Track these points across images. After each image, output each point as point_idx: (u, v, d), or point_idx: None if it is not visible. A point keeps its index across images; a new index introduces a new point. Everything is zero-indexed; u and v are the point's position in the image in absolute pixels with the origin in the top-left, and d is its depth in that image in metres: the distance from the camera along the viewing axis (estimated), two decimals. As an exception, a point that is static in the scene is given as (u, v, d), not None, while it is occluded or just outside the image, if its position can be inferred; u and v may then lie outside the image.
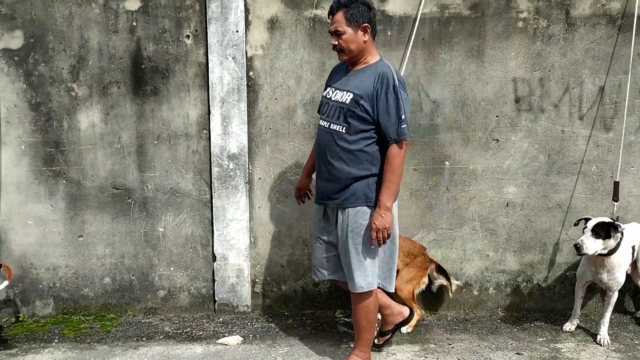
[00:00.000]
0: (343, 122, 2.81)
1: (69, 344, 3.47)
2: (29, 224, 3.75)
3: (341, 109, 2.81)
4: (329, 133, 2.86)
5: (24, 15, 3.57)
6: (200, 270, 3.84)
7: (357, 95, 2.77)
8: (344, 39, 2.78)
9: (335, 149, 2.84)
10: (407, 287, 3.49)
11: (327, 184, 2.91)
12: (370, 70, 2.80)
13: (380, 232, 2.79)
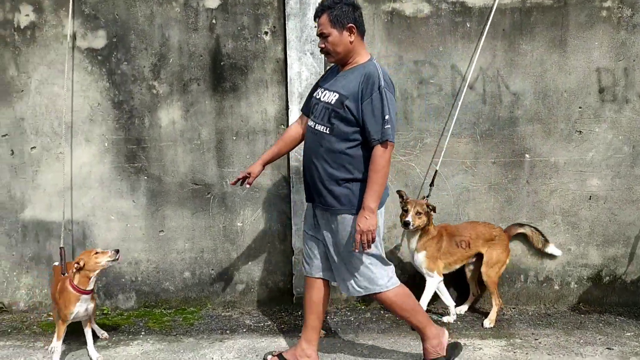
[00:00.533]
0: (327, 122, 2.73)
1: (155, 336, 3.55)
2: (112, 219, 3.84)
3: (326, 109, 2.74)
4: (314, 133, 2.80)
5: (106, 15, 3.65)
6: (278, 264, 3.89)
7: (343, 95, 2.69)
8: (329, 41, 2.71)
9: (319, 150, 2.77)
10: (493, 271, 3.50)
11: (313, 184, 2.84)
12: (358, 71, 2.72)
13: (365, 234, 2.66)
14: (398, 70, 3.65)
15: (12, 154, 3.77)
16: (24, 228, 3.84)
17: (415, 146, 3.74)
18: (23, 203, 3.81)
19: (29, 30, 3.65)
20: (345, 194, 2.75)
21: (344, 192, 2.75)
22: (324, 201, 2.80)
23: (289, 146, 3.10)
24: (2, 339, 3.54)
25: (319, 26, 2.74)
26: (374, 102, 2.63)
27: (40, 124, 3.74)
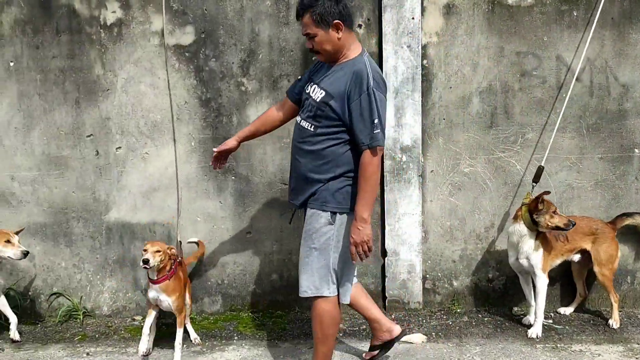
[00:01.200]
0: (312, 120, 2.63)
1: (249, 341, 3.44)
2: (198, 221, 3.74)
3: (312, 106, 2.63)
4: (300, 129, 2.70)
5: (195, 10, 3.54)
6: (368, 266, 3.75)
7: (329, 94, 2.57)
8: (316, 41, 2.57)
9: (301, 146, 2.68)
10: (606, 269, 3.34)
11: (294, 181, 2.76)
12: (347, 67, 2.58)
13: (360, 245, 2.55)
14: (499, 62, 3.49)
15: (97, 154, 3.68)
16: (108, 230, 3.75)
17: (515, 142, 3.57)
18: (108, 205, 3.73)
19: (115, 27, 3.55)
20: (319, 189, 2.64)
21: (320, 190, 2.64)
22: (301, 199, 2.71)
23: (266, 127, 3.00)
24: (92, 345, 3.46)
25: (302, 27, 2.60)
26: (363, 104, 2.49)
27: (125, 124, 3.65)
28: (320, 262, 2.68)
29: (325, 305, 2.73)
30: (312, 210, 2.68)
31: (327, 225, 2.66)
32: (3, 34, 3.57)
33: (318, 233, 2.66)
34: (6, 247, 3.22)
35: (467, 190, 3.63)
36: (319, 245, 2.66)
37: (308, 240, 2.70)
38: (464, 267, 3.72)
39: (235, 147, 3.01)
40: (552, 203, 3.20)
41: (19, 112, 3.64)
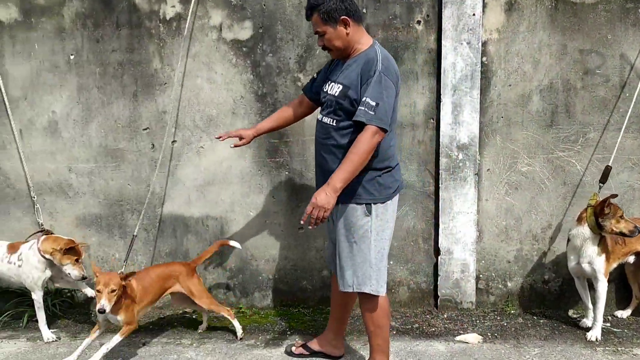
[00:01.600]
0: (333, 114, 2.66)
1: (302, 336, 3.43)
2: (250, 215, 3.75)
3: (331, 101, 2.67)
4: (322, 126, 2.72)
5: (253, 5, 3.55)
6: (420, 264, 3.72)
7: (345, 86, 2.61)
8: (326, 38, 2.64)
9: (326, 143, 2.69)
10: None
11: (322, 178, 2.72)
12: (360, 59, 2.63)
13: (318, 209, 2.51)
14: (561, 59, 3.43)
15: (153, 147, 3.72)
16: (162, 223, 3.79)
17: (576, 141, 3.51)
18: (162, 198, 3.76)
19: (174, 21, 3.58)
20: (351, 183, 2.60)
21: (350, 183, 2.60)
22: None
23: (282, 123, 3.08)
24: (147, 336, 3.49)
25: (313, 26, 2.68)
26: (371, 85, 2.52)
27: (182, 118, 3.68)
28: (362, 256, 2.69)
29: (373, 298, 2.74)
30: (347, 205, 2.68)
31: (364, 217, 2.67)
32: (64, 27, 3.63)
33: (356, 226, 2.68)
34: (74, 266, 3.27)
35: (524, 189, 3.58)
36: (358, 238, 2.68)
37: (347, 234, 2.70)
38: (518, 267, 3.67)
39: (252, 139, 3.06)
40: (619, 207, 3.13)
41: (78, 104, 3.70)
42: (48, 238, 3.35)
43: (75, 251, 3.28)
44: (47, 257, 3.30)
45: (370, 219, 2.67)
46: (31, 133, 3.73)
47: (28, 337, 3.50)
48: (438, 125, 3.54)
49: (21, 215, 3.82)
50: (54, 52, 3.65)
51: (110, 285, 2.84)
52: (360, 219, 2.66)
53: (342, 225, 2.71)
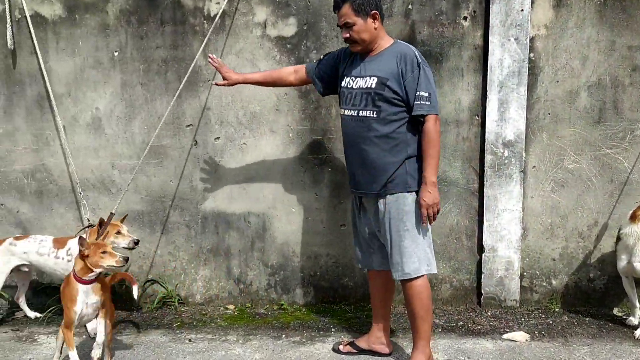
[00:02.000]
0: (372, 106, 2.72)
1: (347, 333, 3.43)
2: (292, 212, 3.75)
3: (368, 94, 2.72)
4: (359, 120, 2.76)
5: (298, 2, 3.54)
6: (463, 261, 3.70)
7: (382, 77, 2.69)
8: (355, 30, 2.70)
9: (368, 135, 2.74)
10: None
11: (364, 171, 2.81)
12: (388, 53, 2.73)
13: (431, 208, 2.71)
14: (609, 55, 3.40)
15: (196, 144, 3.73)
16: (204, 219, 3.80)
17: (624, 138, 3.47)
18: (204, 194, 3.77)
19: (218, 18, 3.58)
20: (399, 173, 2.74)
21: (397, 173, 2.74)
22: (376, 187, 2.78)
23: (271, 82, 3.18)
24: (191, 332, 3.51)
25: (340, 17, 2.73)
26: (418, 78, 2.65)
27: (225, 114, 3.68)
28: (417, 242, 2.78)
29: (422, 281, 2.83)
30: (396, 195, 2.76)
31: (414, 204, 2.77)
32: (108, 24, 3.64)
33: (408, 214, 2.76)
34: (117, 238, 3.28)
35: (570, 187, 3.55)
36: (411, 226, 2.77)
37: (399, 224, 2.77)
38: (563, 265, 3.64)
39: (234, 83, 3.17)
40: None
41: (122, 101, 3.71)
42: (91, 231, 3.36)
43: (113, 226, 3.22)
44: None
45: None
46: (74, 129, 3.75)
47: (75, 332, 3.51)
48: (483, 122, 3.52)
49: (64, 211, 3.85)
50: (97, 49, 3.66)
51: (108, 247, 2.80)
52: (412, 206, 2.76)
53: (392, 216, 2.77)
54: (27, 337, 3.47)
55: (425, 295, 2.85)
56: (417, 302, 2.84)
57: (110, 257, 2.72)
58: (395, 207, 2.76)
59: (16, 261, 3.43)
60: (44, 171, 3.81)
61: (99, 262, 2.70)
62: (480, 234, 3.64)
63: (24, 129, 3.78)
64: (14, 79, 3.74)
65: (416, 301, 2.84)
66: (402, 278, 2.81)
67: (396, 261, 2.80)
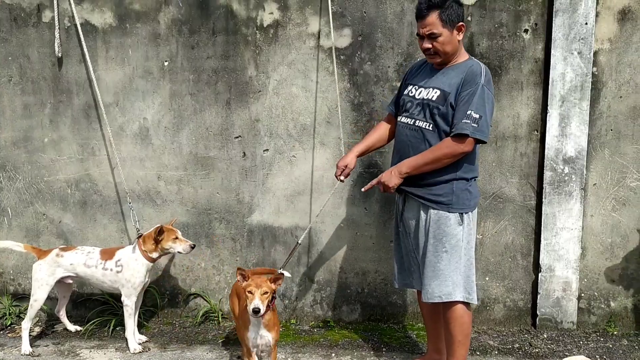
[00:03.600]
0: (430, 119, 2.64)
1: (399, 354, 3.33)
2: (341, 227, 3.66)
3: (427, 105, 2.64)
4: (415, 130, 2.68)
5: (354, 12, 3.47)
6: (518, 281, 3.59)
7: (445, 91, 2.59)
8: (440, 41, 2.57)
9: (421, 147, 2.65)
10: None
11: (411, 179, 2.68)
12: (460, 68, 2.61)
13: (382, 185, 2.72)
14: (676, 71, 3.30)
15: (244, 156, 3.65)
16: (250, 233, 3.72)
17: (690, 156, 3.37)
18: (251, 207, 3.69)
19: (271, 28, 3.52)
20: (446, 192, 2.64)
21: (445, 190, 2.64)
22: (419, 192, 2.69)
23: (381, 142, 3.01)
24: (237, 348, 3.41)
25: (424, 26, 2.58)
26: (473, 96, 2.51)
27: (275, 126, 3.61)
28: (452, 265, 2.66)
29: (463, 307, 2.71)
30: (439, 213, 2.66)
31: (457, 226, 2.66)
32: (159, 33, 3.59)
33: (448, 236, 2.65)
34: (175, 243, 3.23)
35: (632, 205, 3.43)
36: (450, 247, 2.65)
37: (437, 244, 2.66)
38: (623, 287, 3.52)
39: (355, 164, 2.98)
40: None
41: (170, 111, 3.65)
42: (142, 240, 3.30)
43: (170, 232, 3.26)
44: (153, 256, 3.26)
45: (463, 228, 2.66)
46: (121, 139, 3.69)
47: (116, 347, 3.44)
48: (542, 138, 3.42)
49: (107, 222, 3.78)
50: (147, 58, 3.61)
51: (263, 287, 2.59)
52: (454, 228, 2.65)
53: (431, 236, 2.68)
54: (69, 352, 3.40)
55: (466, 320, 2.73)
56: (456, 327, 2.74)
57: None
58: (436, 226, 2.66)
59: (62, 273, 3.36)
60: (89, 181, 3.75)
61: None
62: (536, 252, 3.52)
63: (69, 138, 3.73)
64: (60, 88, 3.69)
65: (456, 326, 2.74)
66: (431, 301, 2.69)
67: (427, 282, 2.70)
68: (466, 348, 2.79)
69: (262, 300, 2.56)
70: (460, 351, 2.77)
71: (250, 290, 2.58)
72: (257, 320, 2.66)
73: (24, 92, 3.71)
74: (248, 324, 2.70)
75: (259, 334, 2.70)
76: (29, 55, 3.68)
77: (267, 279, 2.65)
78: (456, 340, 2.75)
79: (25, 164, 3.77)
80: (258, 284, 2.59)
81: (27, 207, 3.81)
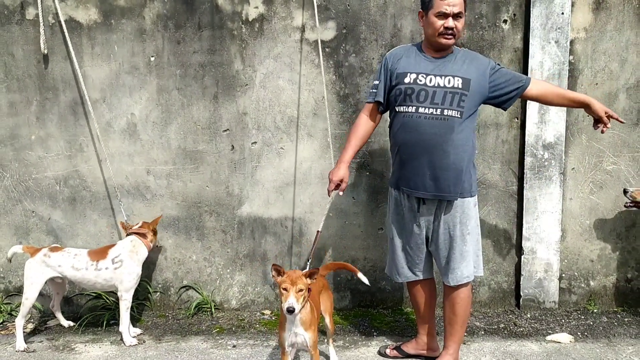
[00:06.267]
0: (457, 107, 2.64)
1: (390, 337, 3.43)
2: (330, 216, 3.74)
3: (454, 93, 2.63)
4: (444, 119, 2.63)
5: (337, 5, 3.54)
6: (502, 264, 3.71)
7: (467, 79, 2.64)
8: (461, 22, 2.64)
9: (449, 137, 2.64)
10: None
11: (441, 175, 2.66)
12: (461, 56, 2.71)
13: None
14: (647, 58, 3.44)
15: (232, 149, 3.70)
16: (240, 225, 3.78)
17: (662, 140, 3.52)
18: (241, 199, 3.75)
19: (257, 22, 3.57)
20: (467, 178, 2.72)
21: (466, 177, 2.72)
22: (452, 189, 2.69)
23: (364, 142, 2.99)
24: (232, 337, 3.48)
25: (454, 5, 2.59)
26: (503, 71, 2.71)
27: (262, 119, 3.67)
28: (474, 246, 2.83)
29: (469, 288, 2.87)
30: (464, 199, 2.74)
31: (474, 208, 2.81)
32: (145, 29, 3.61)
33: (471, 219, 2.78)
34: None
35: (608, 188, 3.58)
36: (471, 229, 2.80)
37: (463, 229, 2.77)
38: (602, 266, 3.67)
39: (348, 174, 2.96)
40: None
41: (158, 106, 3.68)
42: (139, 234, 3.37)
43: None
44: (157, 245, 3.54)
45: (477, 209, 2.84)
46: (109, 135, 3.71)
47: (111, 341, 3.48)
48: (522, 125, 3.54)
49: (97, 218, 3.80)
50: (133, 54, 3.63)
51: (299, 284, 2.43)
52: (473, 211, 2.80)
53: (458, 222, 2.76)
54: (64, 346, 3.42)
55: (470, 301, 2.90)
56: (462, 308, 2.86)
57: None
58: (462, 211, 2.75)
59: (50, 273, 3.35)
60: (77, 178, 3.77)
61: None
62: (519, 236, 3.65)
63: (57, 135, 3.73)
64: (46, 85, 3.69)
65: (461, 307, 2.86)
66: (459, 282, 2.80)
67: (456, 266, 2.79)
68: (465, 328, 2.94)
69: (297, 298, 2.40)
70: (461, 331, 2.91)
71: (285, 287, 2.43)
72: (292, 317, 2.50)
73: (9, 90, 3.70)
74: (284, 323, 2.57)
75: (293, 332, 2.54)
76: (14, 53, 3.67)
77: (303, 274, 2.48)
78: (460, 320, 2.88)
79: (12, 161, 3.77)
80: (293, 280, 2.43)
81: (15, 205, 3.81)
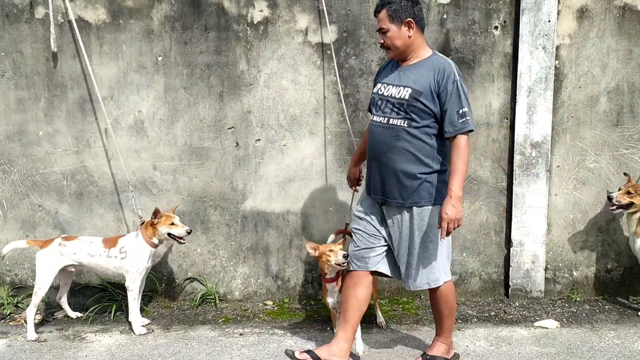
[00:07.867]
0: (404, 116, 2.73)
1: (387, 325, 3.62)
2: (330, 211, 3.92)
3: (400, 104, 2.73)
4: (389, 128, 2.77)
5: (339, 10, 3.72)
6: (492, 256, 3.94)
7: (416, 90, 2.70)
8: (388, 36, 2.73)
9: (394, 144, 2.75)
10: None
11: (389, 180, 2.80)
12: (427, 65, 2.73)
13: (452, 222, 2.67)
14: (627, 64, 3.70)
15: (237, 146, 3.86)
16: (244, 219, 3.93)
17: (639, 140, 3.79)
18: (244, 194, 3.91)
19: (261, 25, 3.73)
20: (425, 187, 2.75)
21: (423, 186, 2.75)
22: (398, 196, 2.79)
23: None
24: (238, 327, 3.63)
25: (378, 22, 2.77)
26: (453, 95, 2.65)
27: (266, 117, 3.83)
28: (437, 252, 2.84)
29: (447, 285, 2.93)
30: (422, 208, 2.78)
31: (438, 215, 2.76)
32: (153, 29, 3.74)
33: (433, 228, 2.80)
34: (171, 228, 3.41)
35: (591, 184, 3.83)
36: (434, 237, 2.81)
37: (422, 236, 2.81)
38: (584, 258, 3.92)
39: (358, 171, 3.27)
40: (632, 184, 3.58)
41: (164, 104, 3.81)
42: (145, 226, 3.48)
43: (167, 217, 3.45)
44: (154, 241, 3.46)
45: None
46: (116, 132, 3.83)
47: (120, 330, 3.60)
48: (512, 125, 3.77)
49: (104, 212, 3.92)
50: (141, 53, 3.76)
51: (337, 245, 3.12)
52: (436, 219, 2.77)
53: (417, 229, 2.80)
54: (74, 336, 3.53)
55: (451, 297, 2.96)
56: (443, 304, 2.96)
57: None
58: (420, 220, 2.79)
59: (65, 261, 3.49)
60: (85, 173, 3.88)
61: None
62: (508, 229, 3.88)
63: (64, 131, 3.84)
64: (55, 82, 3.79)
65: (442, 304, 2.96)
66: (419, 288, 2.89)
67: (416, 272, 2.86)
68: (452, 319, 3.05)
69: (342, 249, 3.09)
70: (447, 322, 3.03)
71: (330, 249, 3.08)
72: (331, 286, 3.18)
73: (18, 87, 3.80)
74: (327, 292, 3.22)
75: (335, 298, 3.20)
76: (22, 51, 3.76)
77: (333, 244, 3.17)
78: (443, 314, 3.00)
79: (20, 157, 3.86)
80: (331, 246, 3.12)
81: (22, 199, 3.90)
